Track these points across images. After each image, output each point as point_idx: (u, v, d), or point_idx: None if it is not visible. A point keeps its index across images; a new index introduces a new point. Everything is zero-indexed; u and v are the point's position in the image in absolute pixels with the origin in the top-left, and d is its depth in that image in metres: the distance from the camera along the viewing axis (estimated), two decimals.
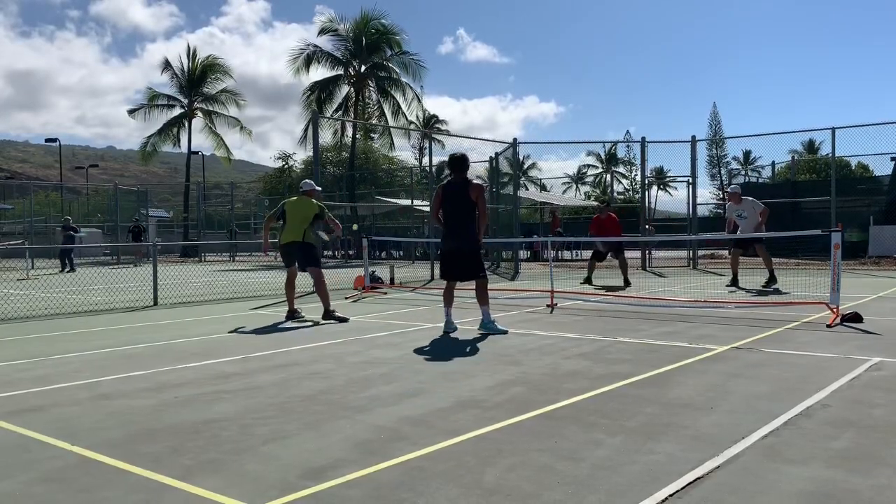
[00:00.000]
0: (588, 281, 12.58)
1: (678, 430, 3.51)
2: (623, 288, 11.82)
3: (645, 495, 2.67)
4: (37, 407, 4.22)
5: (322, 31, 32.23)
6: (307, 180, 9.27)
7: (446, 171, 8.93)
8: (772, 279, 11.12)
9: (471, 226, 7.10)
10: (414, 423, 3.73)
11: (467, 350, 6.07)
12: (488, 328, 6.94)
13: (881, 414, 3.75)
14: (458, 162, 7.17)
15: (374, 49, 31.50)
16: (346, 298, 10.80)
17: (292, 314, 8.48)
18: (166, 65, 38.74)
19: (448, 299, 7.25)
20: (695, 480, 2.81)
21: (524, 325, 7.44)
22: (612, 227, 12.96)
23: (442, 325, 7.22)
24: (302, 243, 8.51)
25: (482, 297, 7.09)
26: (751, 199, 11.75)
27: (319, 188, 9.46)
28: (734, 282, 11.57)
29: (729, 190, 12.21)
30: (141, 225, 27.27)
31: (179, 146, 39.51)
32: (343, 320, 8.12)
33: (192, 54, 39.26)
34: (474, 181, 7.23)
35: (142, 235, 25.76)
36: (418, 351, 6.03)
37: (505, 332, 6.87)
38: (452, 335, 6.90)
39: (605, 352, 5.79)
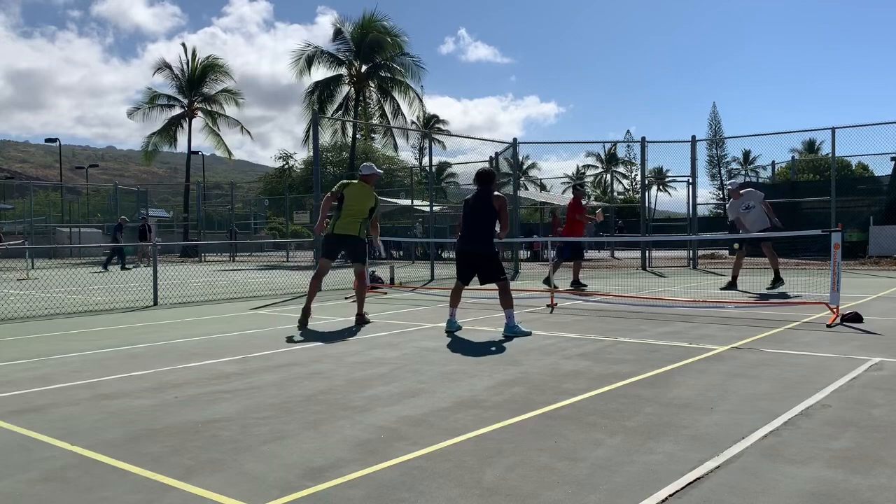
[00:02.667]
0: (579, 283, 11.76)
1: (678, 429, 3.51)
2: (565, 289, 11.14)
3: (645, 495, 2.67)
4: (37, 407, 4.22)
5: (336, 36, 32.28)
6: (367, 163, 8.32)
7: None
8: (777, 279, 10.70)
9: (487, 231, 7.09)
10: (414, 423, 3.73)
11: (467, 350, 6.07)
12: (512, 331, 6.77)
13: (881, 414, 3.75)
14: (485, 175, 7.25)
15: (375, 50, 31.57)
16: (346, 298, 10.79)
17: (307, 313, 7.55)
18: (163, 65, 38.65)
19: (454, 300, 7.29)
20: (695, 480, 2.81)
21: (524, 326, 7.42)
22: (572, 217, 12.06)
23: (443, 324, 7.23)
24: (357, 238, 7.74)
25: (505, 300, 6.97)
26: (750, 189, 11.38)
27: (381, 171, 8.46)
28: (732, 285, 10.93)
29: (728, 186, 11.67)
30: (148, 224, 27.21)
31: (175, 147, 39.51)
32: (367, 322, 7.78)
33: (192, 55, 39.28)
34: (498, 194, 7.23)
35: (148, 234, 25.63)
36: (418, 351, 6.03)
37: (529, 334, 6.76)
38: (453, 335, 6.90)
39: (605, 352, 5.79)
